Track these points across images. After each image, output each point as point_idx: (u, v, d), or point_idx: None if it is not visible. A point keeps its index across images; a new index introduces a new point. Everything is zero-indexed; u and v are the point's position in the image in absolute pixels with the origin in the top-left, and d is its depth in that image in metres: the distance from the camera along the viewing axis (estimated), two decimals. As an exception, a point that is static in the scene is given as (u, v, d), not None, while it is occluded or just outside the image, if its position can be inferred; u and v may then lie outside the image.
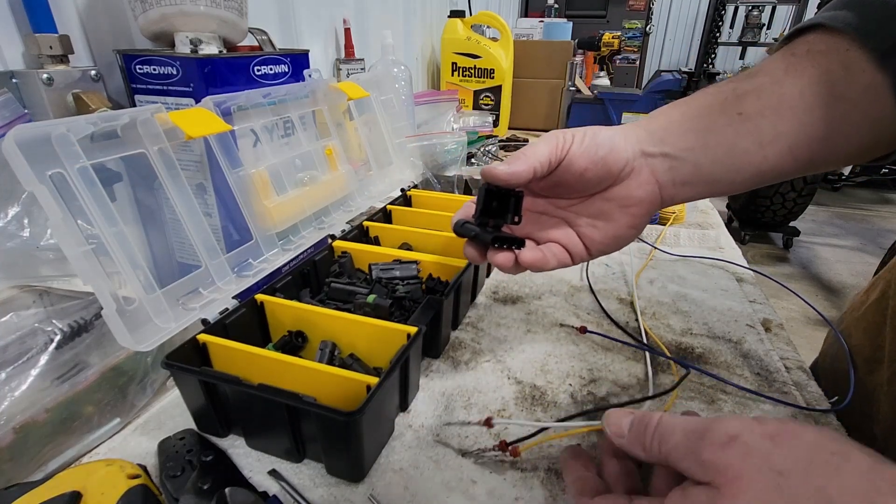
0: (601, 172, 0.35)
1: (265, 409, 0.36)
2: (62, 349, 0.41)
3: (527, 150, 0.35)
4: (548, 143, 0.35)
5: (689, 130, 0.35)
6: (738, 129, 0.34)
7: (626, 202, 0.37)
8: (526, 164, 0.34)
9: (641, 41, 3.24)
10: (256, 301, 0.47)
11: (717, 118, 0.35)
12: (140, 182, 0.49)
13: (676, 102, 0.38)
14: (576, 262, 0.39)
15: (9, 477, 0.35)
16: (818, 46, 0.33)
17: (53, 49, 0.50)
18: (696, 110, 0.36)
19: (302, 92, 0.59)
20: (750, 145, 0.34)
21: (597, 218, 0.38)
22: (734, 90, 0.35)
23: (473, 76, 1.41)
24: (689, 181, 0.36)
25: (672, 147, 0.35)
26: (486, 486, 0.36)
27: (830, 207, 3.73)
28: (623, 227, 0.37)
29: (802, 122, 0.33)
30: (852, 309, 0.54)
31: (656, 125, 0.37)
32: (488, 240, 0.36)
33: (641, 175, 0.36)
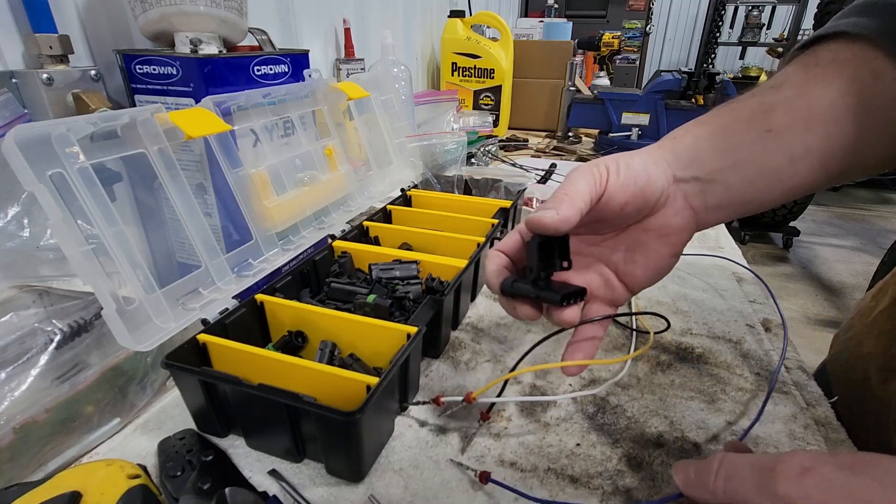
0: (640, 204, 0.33)
1: (265, 409, 0.36)
2: (62, 349, 0.41)
3: (566, 189, 0.32)
4: (586, 179, 0.32)
5: (717, 150, 0.33)
6: (768, 146, 0.32)
7: (665, 231, 0.35)
8: (572, 207, 0.31)
9: (641, 41, 3.24)
10: (256, 301, 0.47)
11: (745, 135, 0.33)
12: (140, 182, 0.49)
13: (699, 120, 0.36)
14: (620, 304, 0.37)
15: (9, 477, 0.35)
16: (843, 55, 0.32)
17: (53, 49, 0.50)
18: (722, 128, 0.34)
19: (302, 92, 0.59)
20: (781, 162, 0.32)
21: (634, 251, 0.36)
22: (760, 105, 0.33)
23: (473, 76, 1.41)
24: (721, 204, 0.34)
25: (702, 170, 0.34)
26: (486, 486, 0.36)
27: (830, 207, 3.73)
28: (664, 256, 0.35)
29: (833, 135, 0.31)
30: (861, 315, 0.52)
31: (683, 147, 0.35)
32: (557, 300, 0.32)
33: (676, 202, 0.34)
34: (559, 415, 0.43)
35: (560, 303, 0.32)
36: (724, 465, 0.27)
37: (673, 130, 0.36)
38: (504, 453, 0.39)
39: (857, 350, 0.50)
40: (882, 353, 0.46)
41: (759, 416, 0.42)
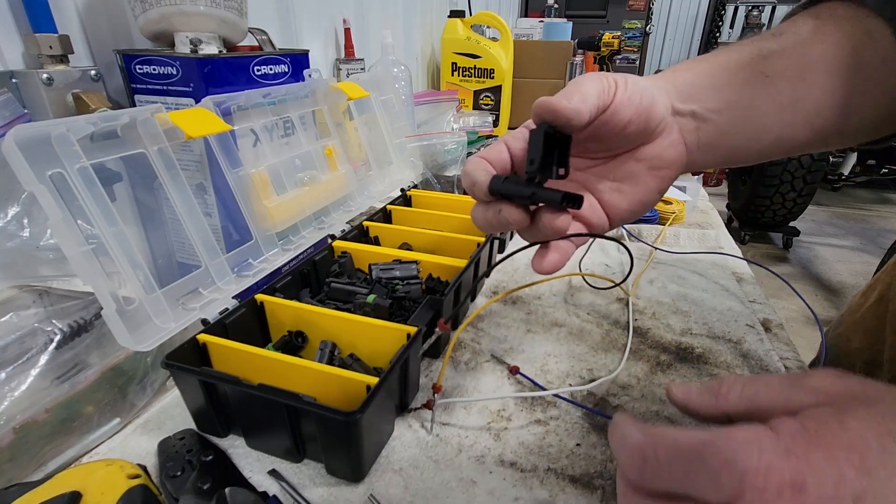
0: (642, 125, 0.32)
1: (265, 409, 0.36)
2: (62, 349, 0.41)
3: (576, 87, 0.29)
4: (594, 85, 0.29)
5: (713, 88, 0.33)
6: (759, 91, 0.32)
7: (657, 163, 0.34)
8: (585, 102, 0.28)
9: (641, 41, 3.24)
10: (256, 301, 0.47)
11: (740, 75, 0.33)
12: (140, 182, 0.49)
13: (700, 57, 0.35)
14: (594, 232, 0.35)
15: (9, 477, 0.35)
16: (840, 12, 0.32)
17: (53, 49, 0.50)
18: (721, 66, 0.34)
19: (302, 92, 0.59)
20: (769, 108, 0.32)
21: (622, 181, 0.34)
22: (759, 49, 0.33)
23: (473, 76, 1.41)
24: (710, 145, 0.34)
25: (699, 105, 0.33)
26: (486, 486, 0.36)
27: (830, 207, 3.73)
28: (650, 190, 0.34)
29: (823, 88, 0.31)
30: (850, 311, 0.53)
31: (681, 80, 0.34)
32: (557, 200, 0.27)
33: (672, 133, 0.33)
34: (559, 415, 0.43)
35: (560, 203, 0.28)
36: (740, 378, 0.25)
37: (675, 64, 0.36)
38: (504, 453, 0.39)
39: (845, 346, 0.50)
40: (868, 349, 0.47)
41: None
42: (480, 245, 0.58)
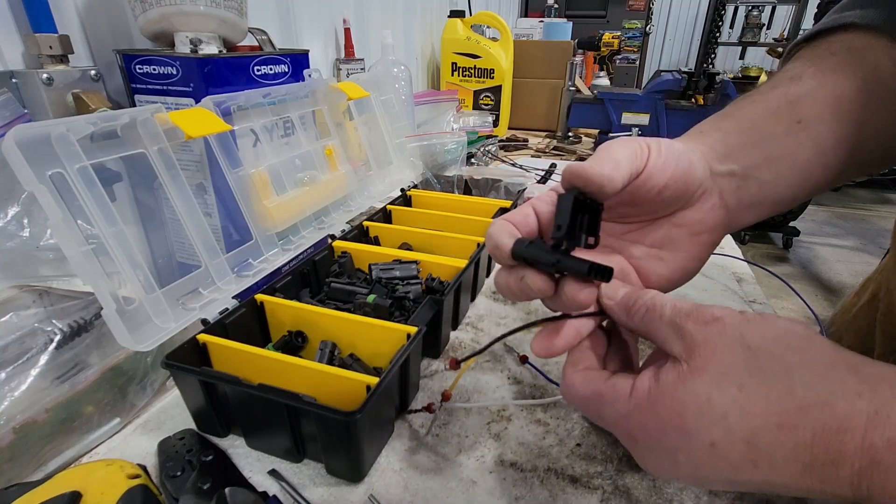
0: (679, 190, 0.30)
1: (265, 409, 0.36)
2: (62, 349, 0.41)
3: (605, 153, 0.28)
4: (625, 150, 0.28)
5: (749, 145, 0.31)
6: (799, 139, 0.31)
7: (698, 228, 0.32)
8: (617, 170, 0.27)
9: (641, 41, 3.24)
10: (256, 301, 0.47)
11: (775, 128, 0.31)
12: (140, 182, 0.49)
13: (722, 114, 0.34)
14: None
15: (9, 477, 0.35)
16: (857, 44, 0.31)
17: (53, 49, 0.50)
18: (750, 122, 0.32)
19: (302, 92, 0.59)
20: (812, 154, 0.31)
21: (661, 248, 0.33)
22: (784, 96, 0.32)
23: (473, 76, 1.41)
24: (754, 203, 0.32)
25: (737, 164, 0.31)
26: (486, 486, 0.36)
27: (830, 207, 3.73)
28: (692, 257, 0.32)
29: (861, 123, 0.30)
30: (843, 311, 0.52)
31: (715, 140, 0.32)
32: (584, 270, 0.25)
33: (713, 196, 0.32)
34: (559, 415, 0.43)
35: (587, 273, 0.26)
36: (653, 298, 0.27)
37: (695, 126, 0.34)
38: (504, 453, 0.39)
39: None
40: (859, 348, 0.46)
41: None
42: (480, 245, 0.58)
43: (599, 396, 0.27)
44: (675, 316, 0.25)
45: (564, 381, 0.29)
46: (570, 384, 0.29)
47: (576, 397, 0.28)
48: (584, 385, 0.28)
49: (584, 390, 0.28)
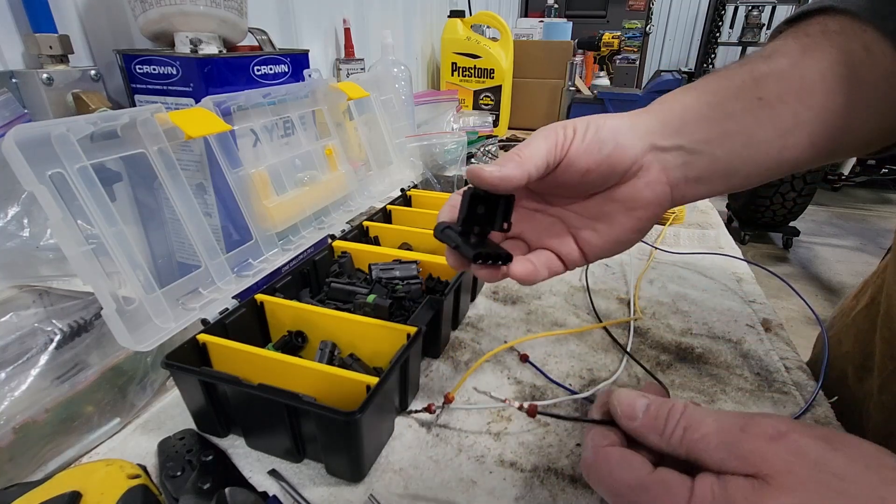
0: (605, 172, 0.32)
1: (265, 409, 0.36)
2: (62, 349, 0.41)
3: (522, 148, 0.31)
4: (546, 140, 0.31)
5: (706, 119, 0.32)
6: (758, 117, 0.31)
7: (632, 204, 0.33)
8: (520, 168, 0.30)
9: (641, 41, 3.24)
10: (256, 301, 0.47)
11: (735, 104, 0.31)
12: (140, 182, 0.49)
13: (688, 86, 0.34)
14: (569, 269, 0.36)
15: (9, 477, 0.35)
16: (831, 26, 0.31)
17: (53, 49, 0.50)
18: (712, 95, 0.32)
19: (302, 92, 0.59)
20: (770, 134, 0.31)
21: (597, 220, 0.34)
22: (751, 73, 0.31)
23: (473, 76, 1.41)
24: (703, 177, 0.32)
25: (688, 138, 0.32)
26: (486, 486, 0.36)
27: (830, 207, 3.73)
28: (626, 231, 0.34)
29: (824, 108, 0.30)
30: (842, 314, 0.52)
31: (670, 113, 0.33)
32: (470, 256, 0.31)
33: (650, 173, 0.32)
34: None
35: (473, 259, 0.31)
36: (686, 415, 0.26)
37: (662, 95, 0.35)
38: (504, 453, 0.39)
39: (836, 349, 0.49)
40: (859, 353, 0.46)
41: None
42: (480, 245, 0.58)
43: (644, 489, 0.24)
44: (725, 435, 0.24)
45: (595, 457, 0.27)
46: (604, 460, 0.26)
47: (610, 479, 0.26)
48: (624, 469, 0.25)
49: (625, 475, 0.25)
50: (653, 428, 0.26)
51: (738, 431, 0.24)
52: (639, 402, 0.27)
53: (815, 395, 0.44)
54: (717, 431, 0.24)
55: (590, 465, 0.27)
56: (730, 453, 0.23)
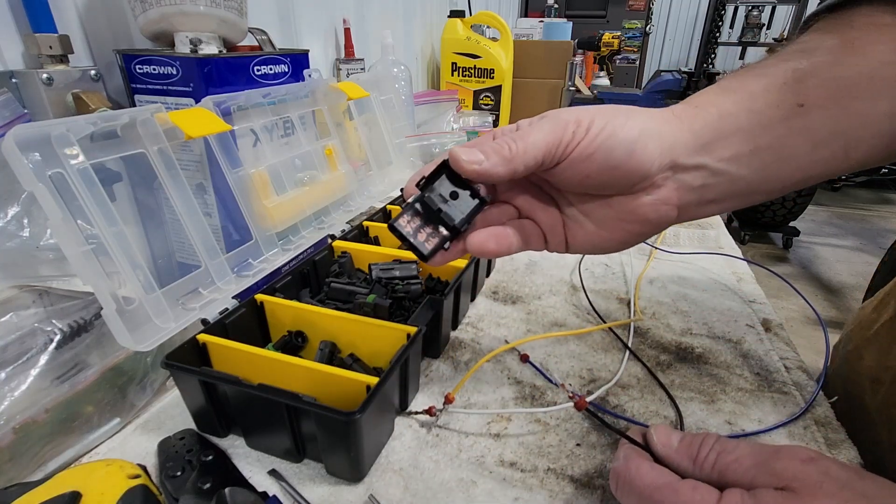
0: (607, 182, 0.28)
1: (265, 409, 0.36)
2: (62, 349, 0.41)
3: (519, 138, 0.27)
4: (549, 135, 0.27)
5: (742, 131, 0.28)
6: (792, 127, 0.27)
7: (628, 217, 0.30)
8: (505, 165, 0.27)
9: (641, 41, 3.24)
10: (256, 301, 0.47)
11: (775, 112, 0.27)
12: (140, 182, 0.49)
13: (727, 85, 0.30)
14: (549, 250, 0.33)
15: (9, 477, 0.35)
16: (882, 19, 0.27)
17: (53, 49, 0.50)
18: (752, 100, 0.28)
19: (302, 92, 0.59)
20: (801, 147, 0.27)
21: (587, 216, 0.31)
22: (792, 72, 0.27)
23: (473, 76, 1.41)
24: (718, 199, 0.29)
25: (715, 156, 0.28)
26: (486, 487, 0.36)
27: (830, 207, 3.73)
28: (612, 240, 0.31)
29: (866, 115, 0.26)
30: (861, 327, 0.49)
31: (703, 121, 0.28)
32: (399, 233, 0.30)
33: (660, 192, 0.29)
34: (559, 415, 0.43)
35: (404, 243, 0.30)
36: (720, 442, 0.27)
37: (696, 94, 0.30)
38: (504, 453, 0.39)
39: (856, 364, 0.47)
40: (876, 366, 0.45)
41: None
42: (480, 245, 0.58)
43: (673, 491, 0.25)
44: (758, 456, 0.25)
45: (627, 463, 0.28)
46: (636, 466, 0.27)
47: (641, 482, 0.26)
48: (656, 473, 0.26)
49: (656, 477, 0.26)
50: (687, 455, 0.27)
51: (771, 453, 0.25)
52: (675, 433, 0.29)
53: (815, 395, 0.44)
54: (750, 454, 0.25)
55: (620, 471, 0.28)
56: (762, 470, 0.24)
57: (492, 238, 0.30)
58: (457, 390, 0.43)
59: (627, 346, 0.51)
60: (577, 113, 0.28)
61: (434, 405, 0.41)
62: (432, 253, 0.31)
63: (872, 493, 0.22)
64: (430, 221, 0.31)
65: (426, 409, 0.41)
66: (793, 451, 0.25)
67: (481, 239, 0.30)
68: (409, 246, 0.31)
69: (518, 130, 0.29)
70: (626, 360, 0.49)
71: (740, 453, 0.25)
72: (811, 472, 0.23)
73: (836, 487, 0.22)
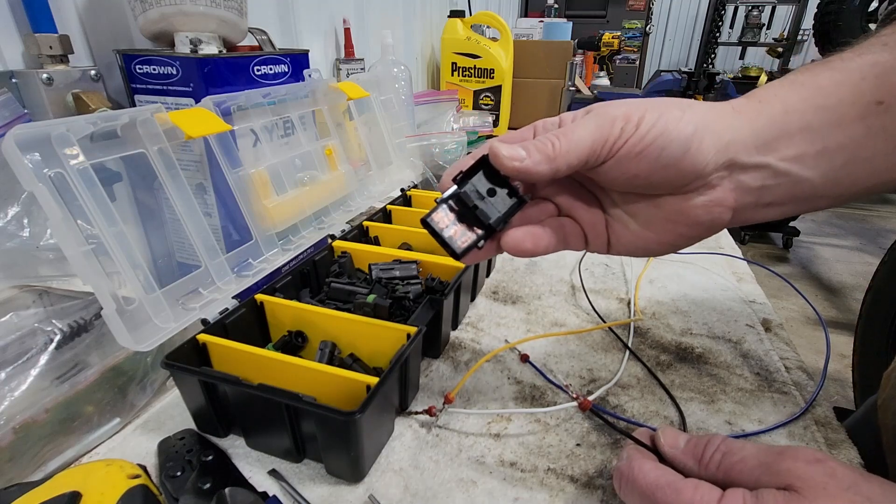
0: (657, 182, 0.26)
1: (265, 409, 0.36)
2: (62, 349, 0.41)
3: (563, 135, 0.25)
4: (595, 132, 0.25)
5: (810, 129, 0.25)
6: (871, 127, 0.24)
7: (678, 219, 0.28)
8: (548, 164, 0.25)
9: (641, 41, 3.24)
10: (256, 301, 0.47)
11: (848, 109, 0.25)
12: (140, 182, 0.49)
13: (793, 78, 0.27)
14: (589, 251, 0.31)
15: (9, 477, 0.35)
16: None
17: (53, 49, 0.50)
18: (823, 96, 0.25)
19: (302, 92, 0.59)
20: (879, 150, 0.25)
21: (633, 217, 0.29)
22: (871, 67, 0.25)
23: (473, 76, 1.41)
24: (778, 202, 0.27)
25: (779, 155, 0.26)
26: (486, 486, 0.36)
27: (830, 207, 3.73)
28: (661, 243, 0.29)
29: None
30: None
31: (767, 116, 0.26)
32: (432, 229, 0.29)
33: (715, 193, 0.27)
34: (559, 415, 0.43)
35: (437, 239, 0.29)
36: (725, 443, 0.27)
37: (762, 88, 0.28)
38: (504, 453, 0.39)
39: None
40: None
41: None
42: (480, 245, 0.58)
43: (676, 490, 0.25)
44: (763, 457, 0.25)
45: (631, 463, 0.28)
46: (639, 466, 0.27)
47: (644, 481, 0.26)
48: (657, 473, 0.26)
49: (660, 477, 0.26)
50: (692, 455, 0.27)
51: (776, 454, 0.25)
52: (682, 435, 0.29)
53: (815, 395, 0.44)
54: (755, 455, 0.25)
55: (624, 471, 0.28)
56: (766, 471, 0.24)
57: (528, 237, 0.29)
58: (457, 390, 0.43)
59: (627, 346, 0.51)
60: (627, 107, 0.26)
61: (434, 405, 0.41)
62: (465, 251, 0.29)
63: (876, 495, 0.22)
64: (464, 218, 0.29)
65: (426, 409, 0.41)
66: (797, 452, 0.25)
67: (518, 238, 0.28)
68: (441, 242, 0.29)
69: (562, 126, 0.27)
70: (626, 360, 0.49)
71: (745, 454, 0.26)
72: (815, 473, 0.23)
73: (841, 489, 0.22)
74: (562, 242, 0.30)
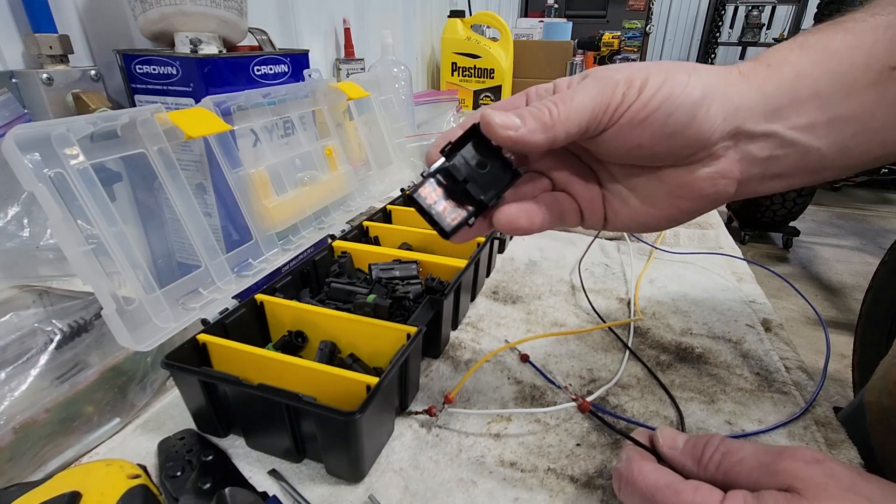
0: (661, 152, 0.25)
1: (265, 409, 0.36)
2: (62, 349, 0.41)
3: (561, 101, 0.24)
4: (596, 98, 0.24)
5: (820, 96, 0.24)
6: (883, 94, 0.23)
7: (681, 192, 0.26)
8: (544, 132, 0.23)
9: (641, 41, 3.24)
10: (256, 301, 0.47)
11: (860, 74, 0.23)
12: (140, 182, 0.49)
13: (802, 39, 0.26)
14: (585, 227, 0.30)
15: (9, 477, 0.35)
16: None
17: (53, 49, 0.50)
18: (836, 60, 0.24)
19: (302, 92, 0.59)
20: (890, 119, 0.23)
21: (633, 191, 0.28)
22: (886, 28, 0.23)
23: (473, 76, 1.41)
24: (786, 173, 0.26)
25: (788, 123, 0.24)
26: (486, 486, 0.36)
27: (830, 207, 3.73)
28: (659, 217, 0.28)
29: None
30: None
31: (776, 81, 0.25)
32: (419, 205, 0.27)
33: (720, 164, 0.25)
34: (559, 415, 0.43)
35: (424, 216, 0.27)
36: (724, 444, 0.27)
37: (770, 50, 0.26)
38: (504, 453, 0.39)
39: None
40: None
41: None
42: (480, 245, 0.58)
43: (675, 492, 0.25)
44: (763, 457, 0.25)
45: (630, 464, 0.28)
46: (638, 468, 0.27)
47: (644, 482, 0.26)
48: (656, 474, 0.26)
49: (659, 478, 0.26)
50: (691, 456, 0.27)
51: (776, 454, 0.25)
52: (681, 435, 0.29)
53: (815, 395, 0.44)
54: (755, 455, 0.25)
55: (623, 472, 0.28)
56: (766, 471, 0.24)
57: (523, 214, 0.27)
58: (457, 390, 0.43)
59: (627, 346, 0.51)
60: (629, 70, 0.24)
61: (434, 405, 0.41)
62: (455, 229, 0.27)
63: (876, 495, 0.22)
64: (453, 193, 0.27)
65: (426, 409, 0.41)
66: (797, 453, 0.25)
67: (511, 214, 0.27)
68: (428, 220, 0.27)
69: (557, 93, 0.25)
70: (626, 360, 0.49)
71: (745, 454, 0.26)
72: (816, 473, 0.23)
73: (841, 489, 0.22)
74: (557, 219, 0.29)
